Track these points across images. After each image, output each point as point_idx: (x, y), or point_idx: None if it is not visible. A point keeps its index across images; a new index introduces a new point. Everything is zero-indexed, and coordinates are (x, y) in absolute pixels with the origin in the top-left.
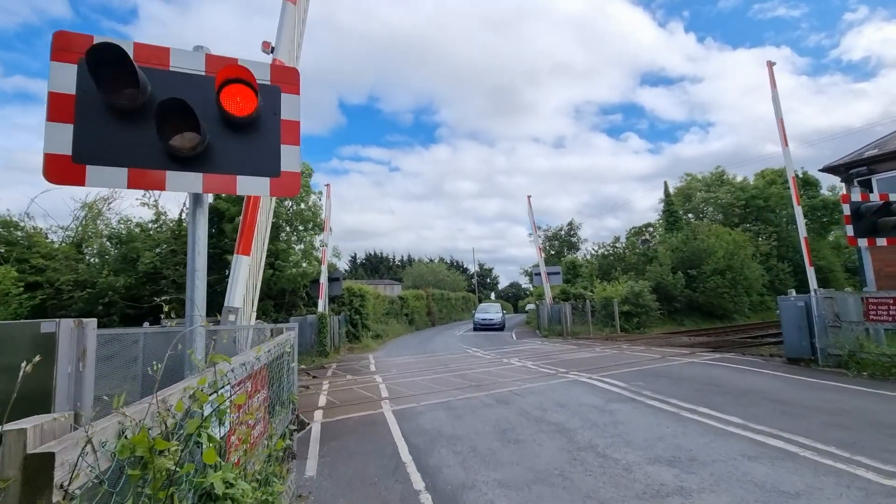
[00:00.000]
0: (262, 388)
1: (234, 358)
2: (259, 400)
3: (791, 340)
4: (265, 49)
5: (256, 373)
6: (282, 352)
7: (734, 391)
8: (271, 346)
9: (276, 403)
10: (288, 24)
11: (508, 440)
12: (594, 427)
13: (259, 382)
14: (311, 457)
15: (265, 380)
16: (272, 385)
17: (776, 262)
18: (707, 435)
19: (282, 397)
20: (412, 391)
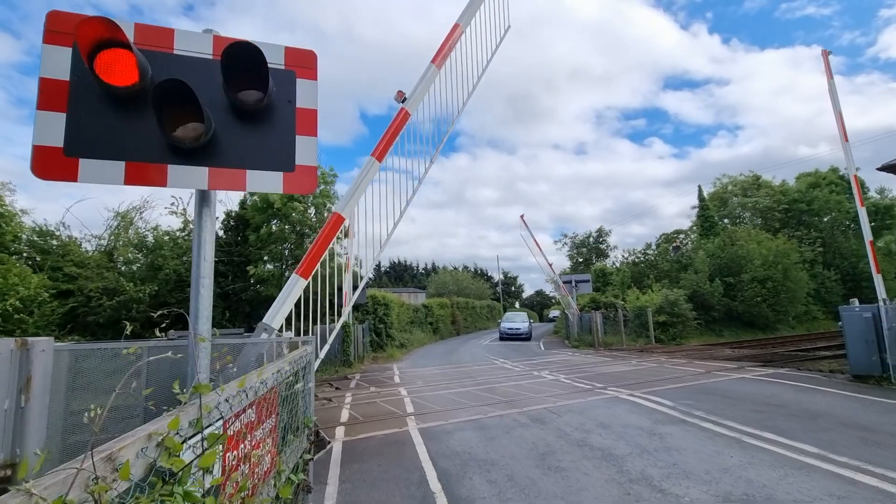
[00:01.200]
0: (270, 415)
1: (230, 383)
2: (265, 431)
3: (857, 356)
4: (398, 98)
5: (263, 398)
6: (296, 369)
7: (800, 413)
8: (284, 364)
9: (288, 431)
10: (426, 82)
11: (549, 467)
12: (645, 454)
13: (266, 409)
14: (330, 482)
15: (275, 405)
16: (285, 410)
17: (822, 270)
18: (780, 467)
19: (295, 423)
20: (439, 406)
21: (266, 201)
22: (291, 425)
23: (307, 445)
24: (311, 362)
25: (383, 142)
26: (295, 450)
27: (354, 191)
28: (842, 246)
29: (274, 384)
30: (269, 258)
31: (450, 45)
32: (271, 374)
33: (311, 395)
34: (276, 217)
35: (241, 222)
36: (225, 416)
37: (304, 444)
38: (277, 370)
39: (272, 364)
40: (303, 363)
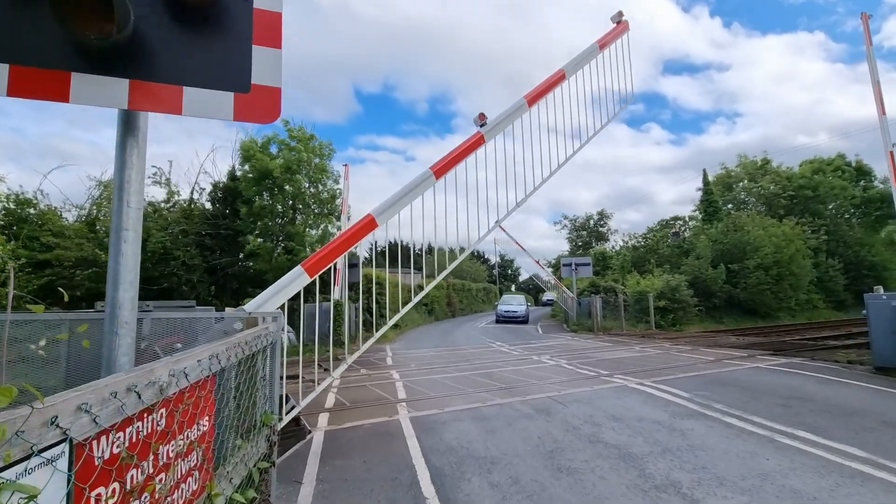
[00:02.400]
0: (197, 419)
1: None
2: (188, 441)
3: (882, 346)
4: (479, 121)
5: (181, 396)
6: (252, 352)
7: (832, 409)
8: (221, 348)
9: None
10: (511, 115)
11: (559, 468)
12: (667, 453)
13: (192, 411)
14: (306, 482)
15: (207, 403)
16: (228, 407)
17: (825, 259)
18: (828, 474)
19: (249, 422)
20: (433, 392)
21: (263, 171)
22: (240, 426)
23: (265, 450)
24: (276, 343)
25: (447, 159)
26: (245, 458)
27: (400, 199)
28: (845, 234)
29: (199, 376)
30: (260, 232)
31: (548, 88)
32: (196, 363)
33: (274, 385)
34: (269, 189)
35: (231, 194)
36: (79, 433)
37: (262, 447)
38: (212, 355)
39: (202, 347)
40: (262, 344)
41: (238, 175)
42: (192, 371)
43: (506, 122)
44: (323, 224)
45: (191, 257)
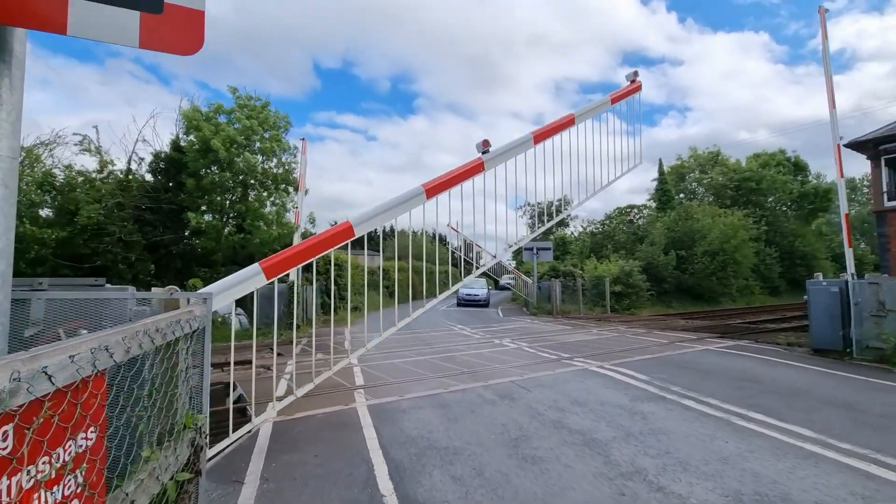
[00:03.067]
0: (80, 429)
1: None
2: (65, 457)
3: (820, 329)
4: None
5: (52, 400)
6: (167, 342)
7: (780, 390)
8: (127, 335)
9: (140, 443)
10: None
11: (524, 458)
12: (631, 438)
13: (66, 419)
14: (248, 481)
15: (95, 409)
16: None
17: (763, 247)
18: (784, 456)
19: (166, 427)
20: (393, 377)
21: (205, 145)
22: (151, 432)
23: (188, 457)
24: (205, 329)
25: (443, 180)
26: (156, 471)
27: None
28: (782, 225)
29: (75, 377)
30: (207, 208)
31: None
32: (68, 359)
33: (204, 378)
34: (217, 163)
35: (175, 166)
36: None
37: (183, 455)
38: (97, 346)
39: (83, 338)
40: (185, 330)
41: (183, 146)
42: (62, 371)
43: (509, 153)
44: (279, 200)
45: (128, 233)
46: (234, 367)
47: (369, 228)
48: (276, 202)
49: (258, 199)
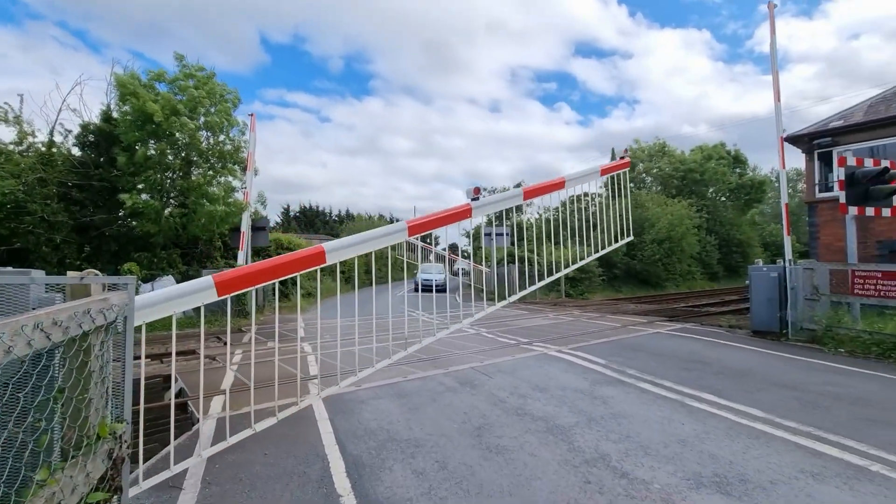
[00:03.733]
0: None
1: None
2: None
3: (759, 312)
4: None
5: None
6: (73, 336)
7: (727, 371)
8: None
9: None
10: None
11: (489, 448)
12: (593, 423)
13: None
14: (188, 487)
15: None
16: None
17: (705, 235)
18: (737, 436)
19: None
20: (350, 367)
21: (142, 114)
22: (49, 449)
23: (104, 472)
24: (126, 320)
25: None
26: (56, 496)
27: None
28: (721, 215)
29: None
30: (145, 187)
31: (546, 189)
32: None
33: (126, 378)
34: (155, 136)
35: (106, 139)
36: None
37: (96, 471)
38: None
39: None
40: (95, 323)
41: (115, 117)
42: None
43: (498, 204)
44: (226, 178)
45: (52, 213)
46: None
47: (343, 257)
48: (222, 181)
49: (203, 176)
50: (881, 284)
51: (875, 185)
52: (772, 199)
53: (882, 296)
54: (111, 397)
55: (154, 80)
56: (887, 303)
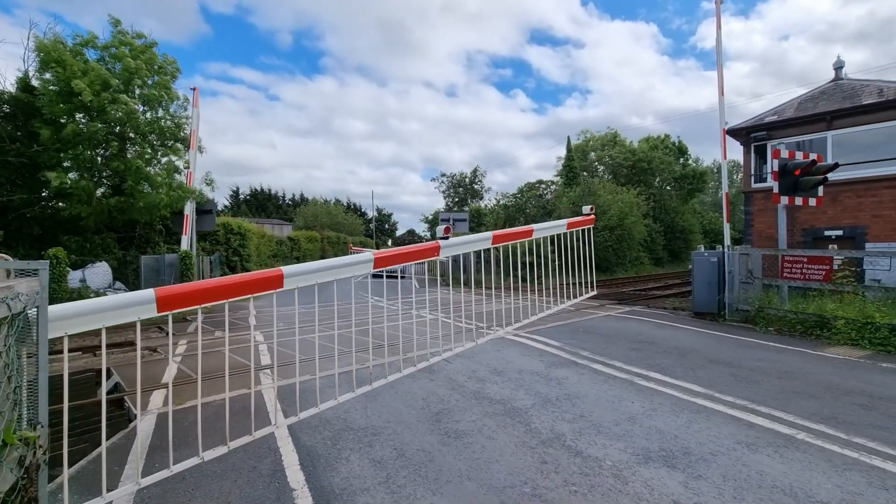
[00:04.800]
0: None
1: None
2: None
3: (701, 295)
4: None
5: None
6: None
7: (671, 350)
8: None
9: None
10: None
11: (447, 433)
12: (548, 404)
13: None
14: (124, 482)
15: None
16: None
17: (651, 223)
18: (681, 412)
19: None
20: (305, 355)
21: (67, 87)
22: None
23: (13, 484)
24: (39, 311)
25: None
26: None
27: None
28: (667, 203)
29: None
30: (73, 164)
31: (515, 236)
32: None
33: (41, 377)
34: (84, 111)
35: (24, 110)
36: None
37: (5, 482)
38: None
39: None
40: None
41: (36, 86)
42: None
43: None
44: (167, 157)
45: None
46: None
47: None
48: (163, 161)
49: (141, 156)
50: (806, 268)
51: (803, 176)
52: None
53: (806, 278)
54: (23, 399)
55: (82, 45)
56: (810, 285)
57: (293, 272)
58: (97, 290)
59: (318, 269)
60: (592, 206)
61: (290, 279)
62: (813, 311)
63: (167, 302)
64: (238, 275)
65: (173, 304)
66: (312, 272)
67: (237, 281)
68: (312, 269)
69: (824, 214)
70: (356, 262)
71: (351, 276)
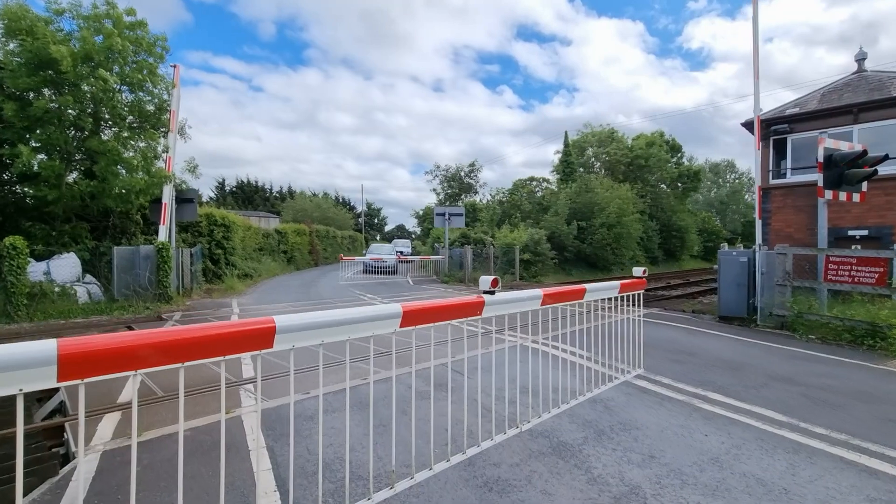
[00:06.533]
0: None
1: None
2: None
3: (728, 298)
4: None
5: None
6: None
7: (718, 363)
8: None
9: None
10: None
11: (488, 485)
12: (603, 437)
13: None
14: None
15: None
16: None
17: (648, 220)
18: (774, 451)
19: None
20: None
21: (38, 57)
22: None
23: None
24: None
25: (425, 308)
26: None
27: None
28: (663, 201)
29: None
30: (42, 145)
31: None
32: None
33: None
34: (54, 85)
35: None
36: None
37: None
38: None
39: None
40: None
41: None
42: None
43: (514, 305)
44: (145, 140)
45: None
46: None
47: (304, 342)
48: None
49: (118, 138)
50: (855, 270)
51: (850, 168)
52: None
53: (855, 282)
54: None
55: (57, 14)
56: (861, 289)
57: (289, 326)
58: (63, 284)
59: (325, 325)
60: (645, 270)
61: (284, 336)
62: (862, 318)
63: (77, 364)
64: (200, 327)
65: (87, 368)
66: (319, 327)
67: (197, 336)
68: (317, 324)
69: (848, 213)
70: (378, 315)
71: (371, 333)
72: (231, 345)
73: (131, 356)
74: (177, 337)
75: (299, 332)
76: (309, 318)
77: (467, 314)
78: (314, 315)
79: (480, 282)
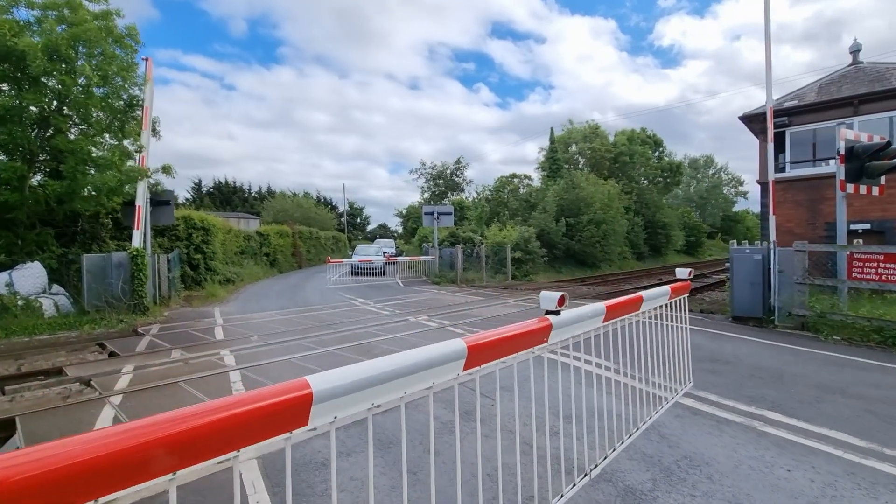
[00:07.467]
0: None
1: None
2: None
3: (742, 297)
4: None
5: None
6: None
7: (758, 373)
8: None
9: None
10: None
11: None
12: (672, 478)
13: None
14: None
15: None
16: None
17: (633, 217)
18: (871, 488)
19: None
20: None
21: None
22: None
23: None
24: None
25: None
26: None
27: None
28: (647, 197)
29: None
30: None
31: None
32: None
33: None
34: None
35: None
36: None
37: None
38: None
39: None
40: None
41: None
42: None
43: (579, 325)
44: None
45: None
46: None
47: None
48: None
49: (86, 136)
50: (883, 267)
51: (872, 161)
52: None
53: (883, 279)
54: None
55: (12, 3)
56: (890, 287)
57: (330, 388)
58: (27, 296)
59: (374, 381)
60: (691, 271)
61: (324, 406)
62: (893, 318)
63: None
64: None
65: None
66: (365, 386)
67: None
68: (365, 381)
69: (850, 207)
70: (437, 359)
71: (431, 383)
72: (243, 434)
73: (82, 482)
74: (154, 436)
75: (342, 398)
76: (354, 374)
77: (534, 342)
78: (360, 368)
79: (542, 299)
